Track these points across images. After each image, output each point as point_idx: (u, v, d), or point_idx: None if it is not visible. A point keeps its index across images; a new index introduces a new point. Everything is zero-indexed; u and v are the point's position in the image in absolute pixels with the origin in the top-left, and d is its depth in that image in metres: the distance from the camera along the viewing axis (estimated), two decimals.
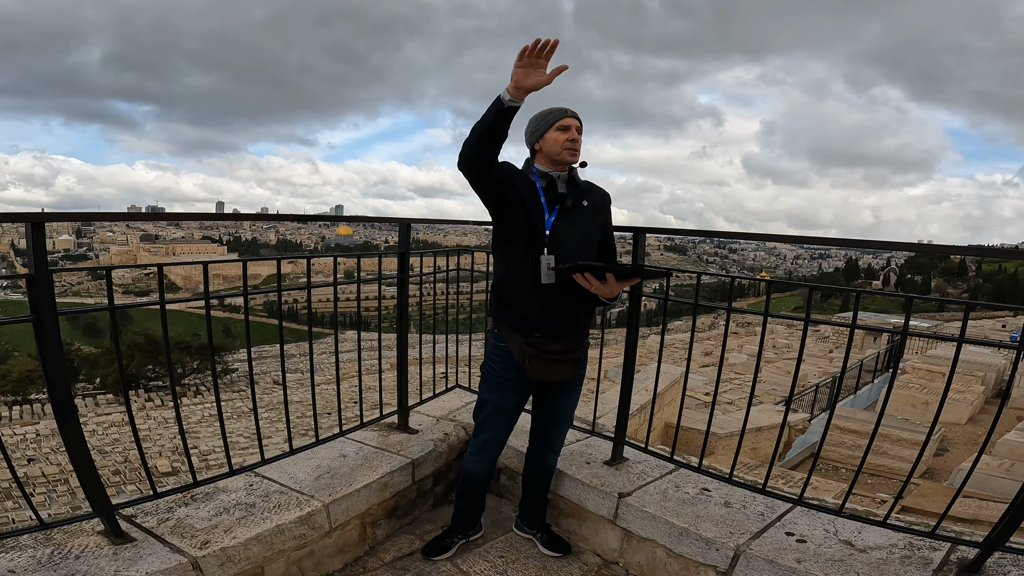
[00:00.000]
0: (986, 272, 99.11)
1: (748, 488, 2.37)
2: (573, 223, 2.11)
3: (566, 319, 2.11)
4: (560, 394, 2.28)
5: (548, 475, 2.45)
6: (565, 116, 2.09)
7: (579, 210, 2.14)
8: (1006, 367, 14.34)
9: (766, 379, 16.14)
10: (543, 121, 2.12)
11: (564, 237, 2.08)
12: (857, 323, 2.00)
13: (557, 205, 2.10)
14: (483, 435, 2.30)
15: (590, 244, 2.18)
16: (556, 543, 2.43)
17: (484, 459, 2.32)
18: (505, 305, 2.16)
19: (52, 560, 1.73)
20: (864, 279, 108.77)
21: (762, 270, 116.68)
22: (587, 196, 2.18)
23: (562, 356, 2.12)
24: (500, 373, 2.20)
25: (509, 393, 2.23)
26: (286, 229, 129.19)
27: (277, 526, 2.06)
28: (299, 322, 41.66)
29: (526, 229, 2.07)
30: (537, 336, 2.09)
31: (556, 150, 2.09)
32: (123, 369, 2.14)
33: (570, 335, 2.14)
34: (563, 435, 2.41)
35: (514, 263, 2.12)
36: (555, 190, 2.12)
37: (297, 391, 17.14)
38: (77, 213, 1.81)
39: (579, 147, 2.11)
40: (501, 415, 2.26)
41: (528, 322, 2.10)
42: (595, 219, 2.18)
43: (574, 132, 2.09)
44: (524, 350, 2.10)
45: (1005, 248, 11.09)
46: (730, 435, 8.10)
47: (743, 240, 11.44)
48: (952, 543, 1.94)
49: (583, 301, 2.10)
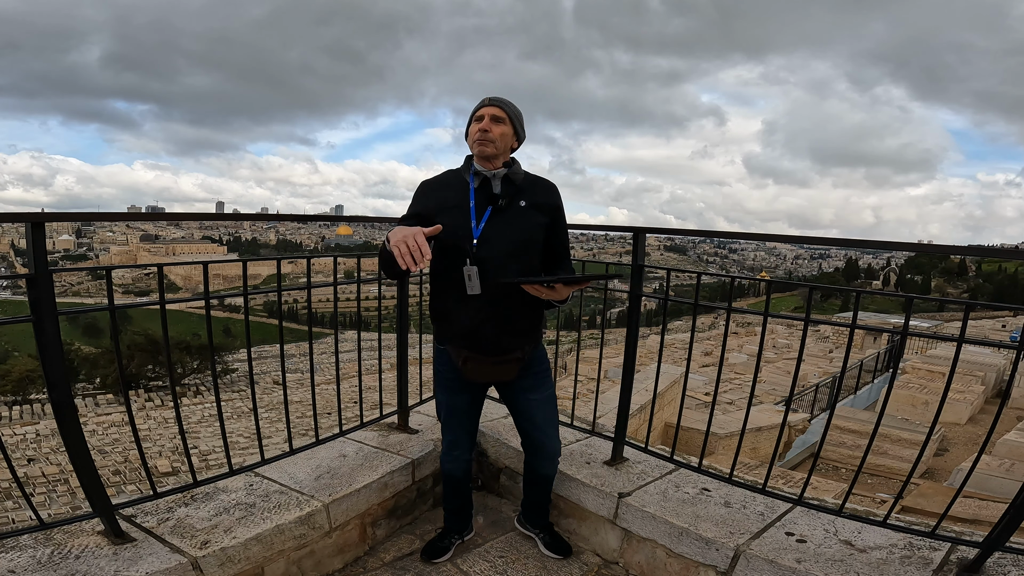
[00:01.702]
0: (986, 272, 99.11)
1: (748, 488, 2.37)
2: (508, 226, 1.95)
3: (502, 328, 1.98)
4: (521, 393, 2.17)
5: (547, 482, 2.36)
6: (480, 106, 1.96)
7: (515, 211, 1.97)
8: (1006, 367, 14.33)
9: (766, 379, 16.14)
10: (470, 115, 2.00)
11: (496, 242, 1.93)
12: (857, 323, 1.99)
13: (490, 206, 1.95)
14: (448, 435, 2.26)
15: (529, 246, 2.00)
16: (558, 544, 2.42)
17: (456, 457, 2.26)
18: (437, 320, 2.08)
19: (52, 560, 1.73)
20: (864, 279, 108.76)
21: (762, 270, 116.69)
22: (527, 194, 2.00)
23: (498, 359, 2.02)
24: (445, 375, 2.14)
25: (459, 394, 2.16)
26: (286, 229, 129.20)
27: (277, 526, 2.06)
28: (299, 322, 41.65)
29: (449, 238, 1.92)
30: (471, 350, 2.00)
31: (471, 143, 1.97)
32: (123, 369, 2.14)
33: (509, 344, 2.01)
34: (551, 437, 2.23)
35: (441, 275, 2.02)
36: (489, 190, 1.98)
37: (297, 391, 17.15)
38: (77, 213, 1.81)
39: (492, 138, 1.93)
40: (457, 415, 2.21)
41: (461, 336, 2.01)
42: (535, 219, 2.00)
43: (486, 122, 1.93)
44: (459, 352, 2.03)
45: (1005, 248, 11.09)
46: (730, 435, 8.11)
47: (743, 240, 11.45)
48: (952, 543, 1.94)
49: (524, 306, 1.98)
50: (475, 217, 1.94)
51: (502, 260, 1.93)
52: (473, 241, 1.92)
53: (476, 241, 1.92)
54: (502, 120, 1.96)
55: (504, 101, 1.98)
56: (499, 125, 1.96)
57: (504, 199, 1.96)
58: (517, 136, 2.04)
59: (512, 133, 2.01)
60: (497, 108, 1.96)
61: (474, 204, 1.96)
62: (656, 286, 2.79)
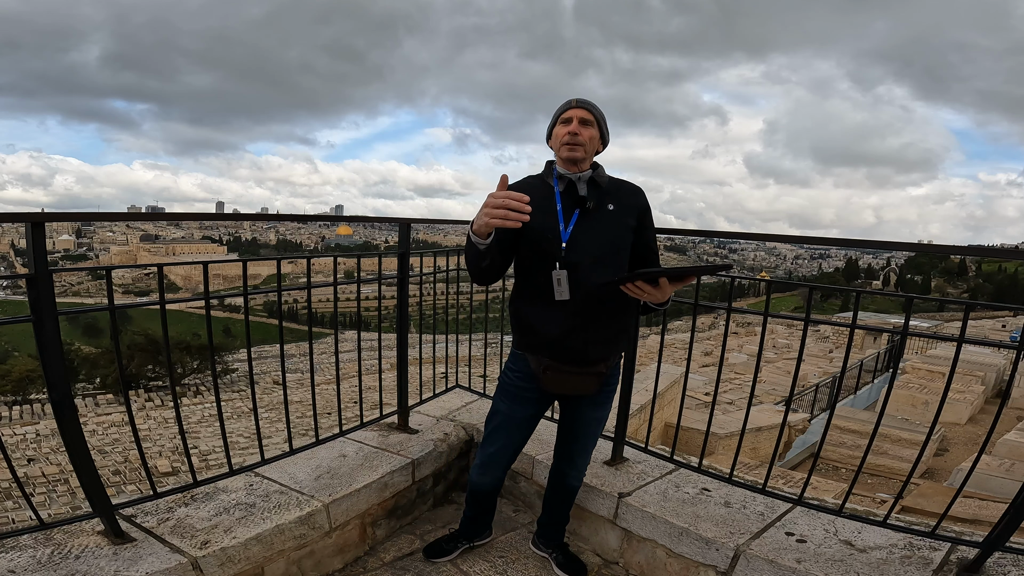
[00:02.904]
0: (986, 272, 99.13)
1: (748, 488, 2.37)
2: (596, 229, 1.89)
3: (590, 335, 1.90)
4: (583, 409, 2.08)
5: (570, 495, 2.26)
6: (568, 108, 1.89)
7: (603, 214, 1.90)
8: (1006, 367, 14.33)
9: (766, 379, 16.15)
10: (553, 117, 1.94)
11: (584, 246, 1.87)
12: (857, 323, 1.99)
13: (577, 209, 1.89)
14: (490, 447, 2.13)
15: (617, 250, 1.93)
16: (572, 565, 2.29)
17: (490, 474, 2.16)
18: (520, 327, 1.99)
19: (52, 560, 1.73)
20: (864, 279, 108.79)
21: (762, 270, 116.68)
22: (613, 197, 1.94)
23: (582, 370, 1.93)
24: (515, 382, 2.04)
25: (522, 404, 2.06)
26: (286, 229, 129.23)
27: (277, 526, 2.06)
28: (299, 322, 41.66)
29: (537, 242, 1.86)
30: (555, 359, 1.92)
31: (557, 145, 1.91)
32: (123, 369, 2.14)
33: (596, 353, 1.93)
34: (587, 453, 2.17)
35: (526, 280, 1.94)
36: (575, 194, 1.91)
37: (297, 391, 17.14)
38: (77, 213, 1.80)
39: (583, 141, 1.87)
40: (511, 427, 2.09)
41: (546, 344, 1.92)
42: (623, 222, 1.93)
43: (575, 124, 1.87)
44: (541, 361, 1.95)
45: (1005, 248, 11.08)
46: (730, 435, 8.10)
47: (743, 240, 11.44)
48: (952, 543, 1.94)
49: (613, 312, 1.91)
50: (563, 220, 1.88)
51: (592, 264, 1.86)
52: (562, 244, 1.86)
53: (565, 245, 1.86)
54: (590, 123, 1.90)
55: (591, 103, 1.91)
56: (587, 128, 1.89)
57: (591, 201, 1.90)
58: (603, 139, 1.97)
59: (599, 136, 1.94)
60: (585, 111, 1.89)
61: (561, 207, 1.90)
62: None
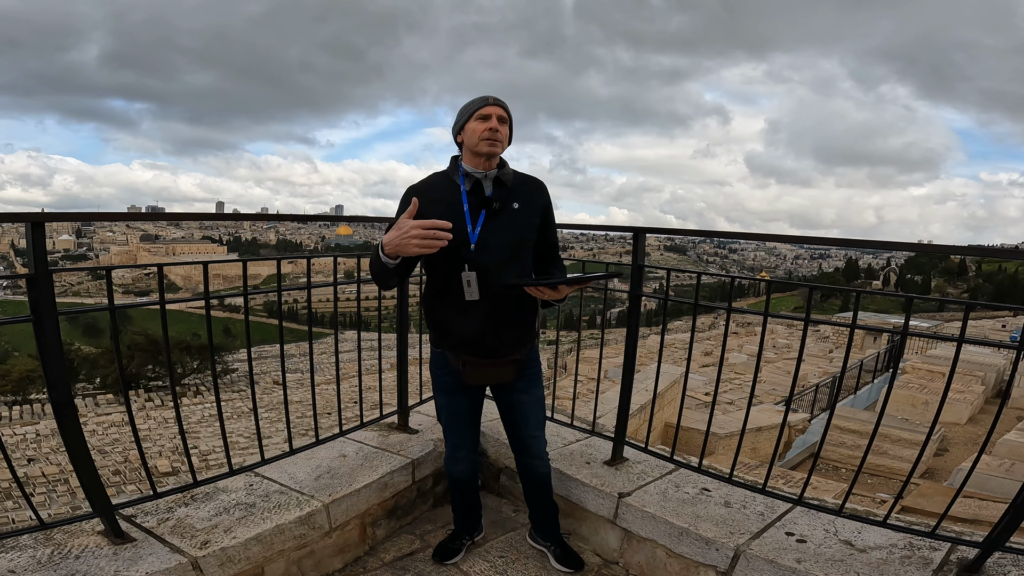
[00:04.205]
0: (986, 272, 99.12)
1: (748, 488, 2.37)
2: (502, 229, 1.92)
3: (502, 333, 1.98)
4: (513, 395, 2.15)
5: (544, 483, 2.29)
6: (485, 104, 1.90)
7: (508, 213, 1.94)
8: (1006, 367, 14.34)
9: (766, 379, 16.14)
10: (464, 111, 1.94)
11: (492, 247, 1.90)
12: (857, 323, 1.99)
13: (483, 209, 1.92)
14: (450, 439, 2.24)
15: (524, 247, 1.99)
16: (569, 558, 2.32)
17: (460, 459, 2.24)
18: (435, 327, 2.06)
19: (52, 560, 1.73)
20: (864, 279, 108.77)
21: (762, 270, 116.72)
22: (518, 195, 1.97)
23: (498, 361, 2.02)
24: (443, 378, 2.12)
25: (457, 397, 2.14)
26: (286, 229, 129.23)
27: (277, 526, 2.06)
28: (299, 322, 41.64)
29: (447, 244, 1.84)
30: (471, 355, 2.00)
31: (474, 141, 1.89)
32: (123, 369, 2.14)
33: (509, 348, 2.02)
34: (538, 438, 2.23)
35: (437, 281, 2.00)
36: (482, 193, 1.94)
37: (297, 391, 17.15)
38: (77, 213, 1.81)
39: (501, 138, 1.90)
40: (457, 419, 2.19)
41: (461, 342, 2.00)
42: (528, 220, 1.98)
43: (494, 121, 1.88)
44: (458, 357, 2.03)
45: (1005, 248, 11.10)
46: (730, 435, 8.10)
47: (743, 240, 11.44)
48: (952, 543, 1.94)
49: (521, 309, 1.99)
50: (470, 221, 1.91)
51: (500, 264, 1.91)
52: (471, 246, 1.89)
53: (474, 246, 1.90)
54: (506, 121, 1.94)
55: (504, 102, 1.96)
56: (504, 125, 1.93)
57: (497, 201, 1.93)
58: (510, 138, 2.03)
59: (509, 135, 2.00)
60: (502, 109, 1.93)
61: (468, 208, 1.92)
62: (656, 286, 2.79)
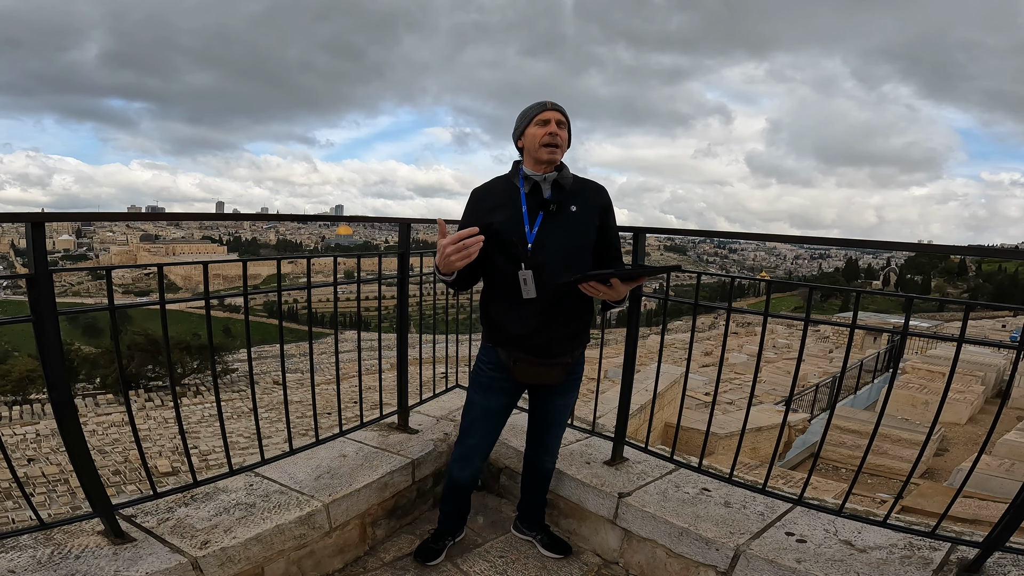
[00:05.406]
0: (986, 272, 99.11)
1: (748, 488, 2.37)
2: (560, 231, 1.98)
3: (555, 332, 2.02)
4: (553, 397, 2.20)
5: (545, 479, 2.39)
6: (544, 110, 1.95)
7: (566, 215, 1.99)
8: (1006, 367, 14.34)
9: (766, 379, 16.15)
10: (524, 117, 2.00)
11: (549, 247, 1.96)
12: (857, 323, 2.00)
13: (541, 211, 1.98)
14: (469, 439, 2.22)
15: (581, 250, 2.03)
16: (556, 544, 2.41)
17: (470, 466, 2.25)
18: (490, 324, 2.10)
19: (52, 560, 1.73)
20: (864, 279, 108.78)
21: (762, 270, 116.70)
22: (576, 198, 2.02)
23: (549, 361, 2.05)
24: (488, 373, 2.15)
25: (496, 395, 2.16)
26: (286, 229, 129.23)
27: (277, 526, 2.06)
28: (299, 322, 41.65)
29: (504, 244, 1.96)
30: (523, 353, 2.03)
31: (534, 146, 1.96)
32: (123, 369, 2.14)
33: (560, 348, 2.05)
34: (558, 438, 2.34)
35: (494, 279, 2.04)
36: (540, 195, 2.00)
37: (297, 391, 17.14)
38: (77, 213, 1.81)
39: (560, 142, 1.96)
40: (487, 418, 2.20)
41: (514, 339, 2.03)
42: (586, 222, 2.03)
43: (553, 125, 1.94)
44: (511, 353, 2.05)
45: (1005, 248, 11.09)
46: (730, 435, 8.11)
47: (743, 240, 11.42)
48: (952, 543, 1.94)
49: (576, 309, 2.02)
50: (528, 222, 1.97)
51: (556, 264, 1.95)
52: (528, 245, 1.95)
53: (530, 246, 1.95)
54: (564, 125, 1.99)
55: (562, 107, 2.00)
56: (563, 130, 1.98)
57: (555, 203, 1.98)
58: (569, 141, 2.07)
59: (568, 138, 2.04)
60: (560, 114, 1.97)
61: (526, 209, 1.98)
62: (656, 286, 2.79)
